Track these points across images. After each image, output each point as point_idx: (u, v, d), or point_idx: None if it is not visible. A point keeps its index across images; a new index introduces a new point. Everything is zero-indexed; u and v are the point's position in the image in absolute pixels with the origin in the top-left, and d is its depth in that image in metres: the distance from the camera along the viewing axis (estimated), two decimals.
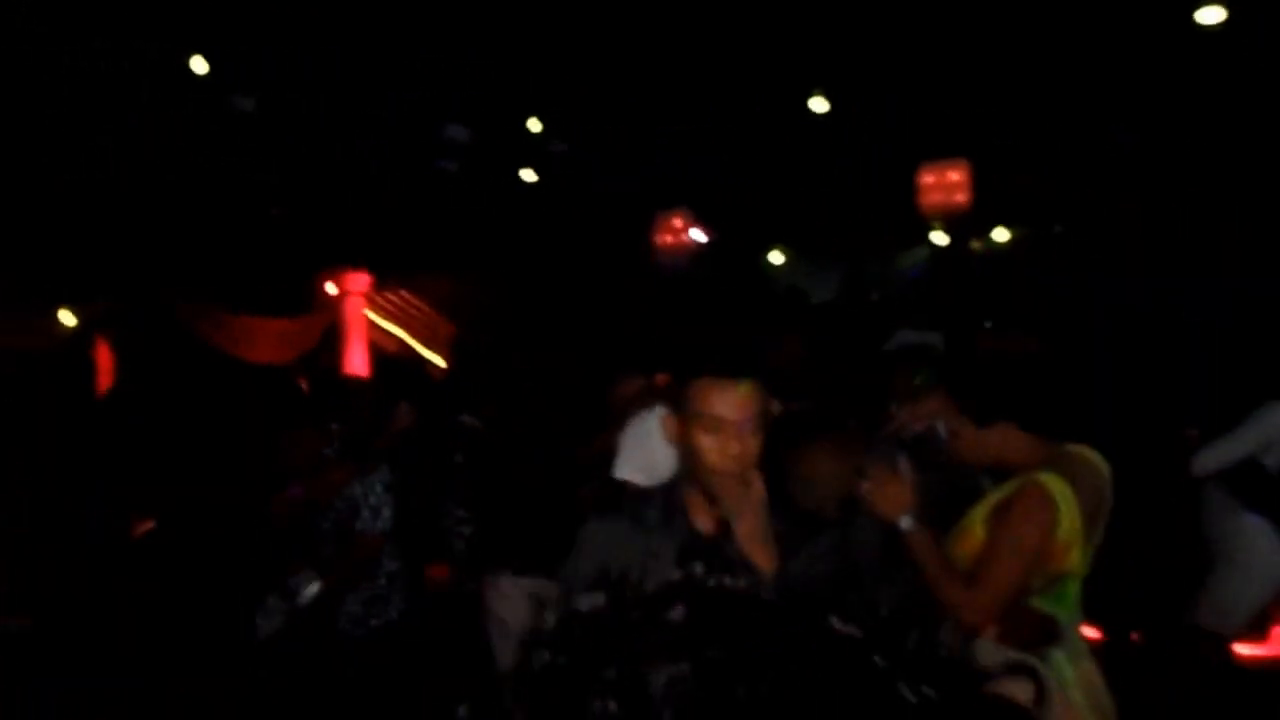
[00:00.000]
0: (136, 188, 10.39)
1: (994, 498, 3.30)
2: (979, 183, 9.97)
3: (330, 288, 11.35)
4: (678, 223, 10.77)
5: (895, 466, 3.35)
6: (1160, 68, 8.94)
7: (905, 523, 3.21)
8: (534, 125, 10.81)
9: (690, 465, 2.71)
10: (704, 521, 2.76)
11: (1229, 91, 8.82)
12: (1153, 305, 9.08)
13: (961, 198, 9.78)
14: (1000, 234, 11.27)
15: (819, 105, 9.94)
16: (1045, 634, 3.19)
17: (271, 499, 4.93)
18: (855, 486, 3.39)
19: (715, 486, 2.67)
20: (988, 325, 9.35)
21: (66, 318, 11.40)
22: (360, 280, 11.28)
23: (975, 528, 3.31)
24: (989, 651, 3.11)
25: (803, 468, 3.43)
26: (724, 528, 2.74)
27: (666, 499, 2.83)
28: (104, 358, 11.58)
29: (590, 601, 2.49)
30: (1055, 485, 3.17)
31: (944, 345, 7.33)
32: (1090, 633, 5.41)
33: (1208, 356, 7.85)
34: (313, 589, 4.63)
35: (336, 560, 4.69)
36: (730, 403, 2.63)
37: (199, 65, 9.58)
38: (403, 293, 11.56)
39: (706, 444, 2.64)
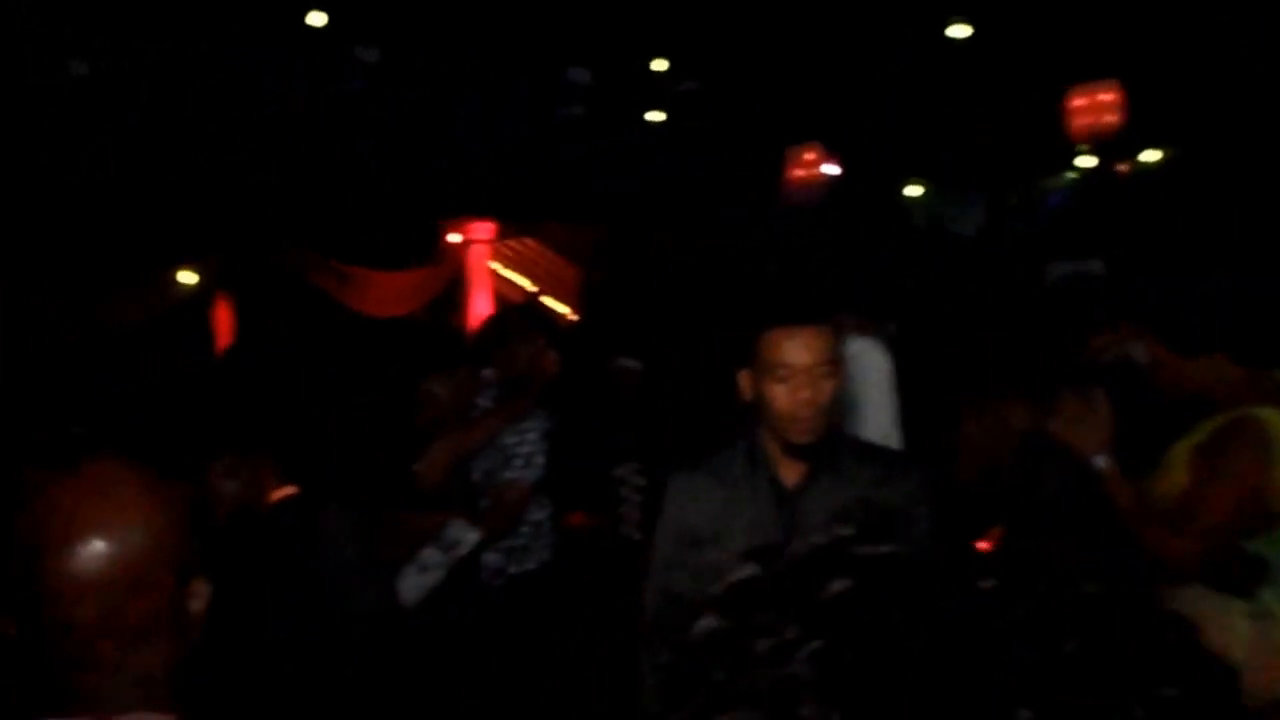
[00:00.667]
0: (253, 143, 10.44)
1: (1198, 434, 3.03)
2: (1130, 103, 9.50)
3: (453, 237, 11.28)
4: (810, 156, 10.44)
5: (1090, 400, 3.12)
6: None
7: (1101, 461, 2.99)
8: (660, 65, 10.60)
9: (766, 416, 2.70)
10: (787, 474, 2.77)
11: None
12: None
13: (1113, 118, 9.30)
14: (1150, 155, 10.72)
15: (958, 31, 9.55)
16: (1254, 577, 2.95)
17: (419, 454, 4.83)
18: (1043, 425, 3.19)
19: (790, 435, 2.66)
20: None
21: (187, 277, 11.51)
22: (484, 229, 11.19)
23: (1177, 466, 3.05)
24: (1194, 598, 2.89)
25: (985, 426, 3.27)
26: (808, 479, 2.75)
27: (749, 452, 2.83)
28: (224, 316, 11.74)
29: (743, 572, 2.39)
30: (1273, 420, 2.90)
31: (1105, 273, 7.00)
32: None
33: None
34: (472, 538, 4.51)
35: (488, 511, 4.58)
36: (797, 349, 2.60)
37: (317, 19, 9.55)
38: (527, 240, 11.46)
39: (778, 392, 2.63)
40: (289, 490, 3.68)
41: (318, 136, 10.61)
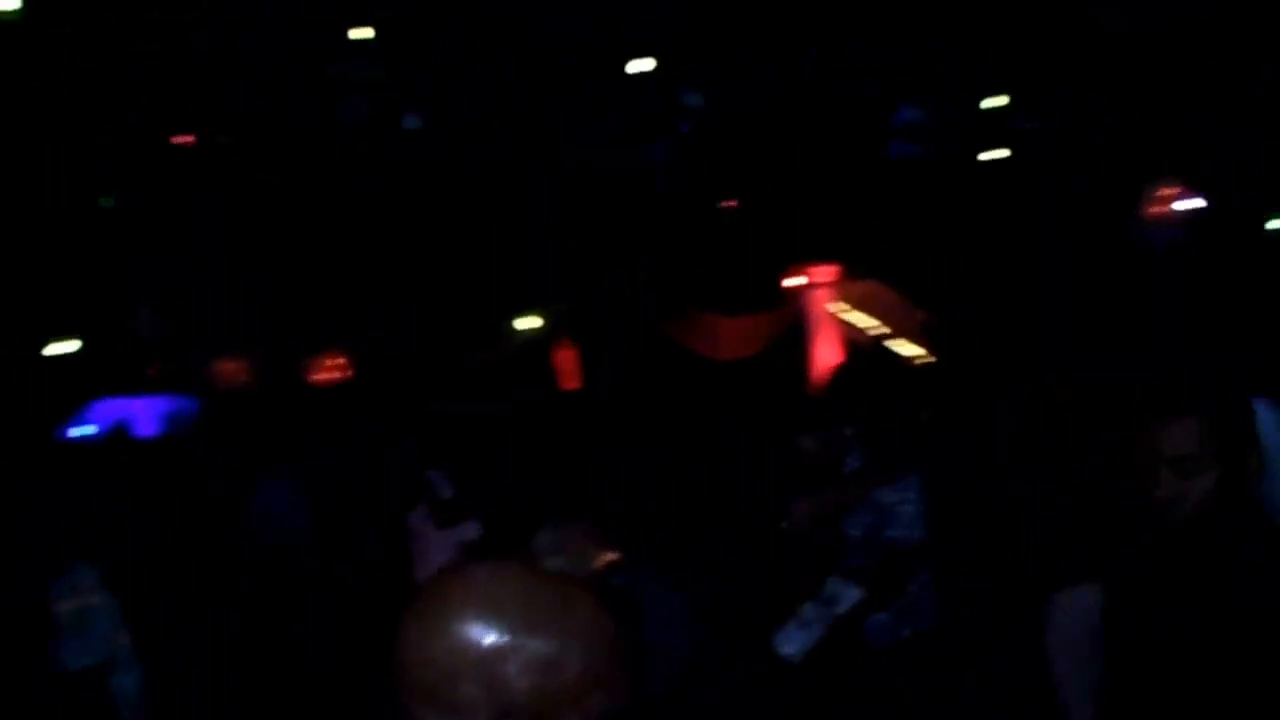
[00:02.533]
0: (592, 188, 10.89)
1: None
2: None
3: (793, 280, 11.38)
4: (1167, 191, 9.97)
5: None
6: None
7: None
8: (998, 101, 10.43)
9: None
10: None
11: None
12: None
13: None
14: None
15: None
16: None
17: (792, 503, 4.92)
18: None
19: None
20: None
21: (528, 323, 12.02)
22: (825, 272, 11.25)
23: None
24: None
25: None
26: None
27: None
28: (567, 360, 12.18)
29: None
30: None
31: None
32: None
33: None
34: (853, 596, 4.56)
35: (871, 569, 4.61)
36: None
37: (643, 64, 9.86)
38: (870, 282, 11.42)
39: None
40: (612, 557, 3.60)
41: (651, 185, 11.02)
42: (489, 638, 1.22)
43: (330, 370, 12.46)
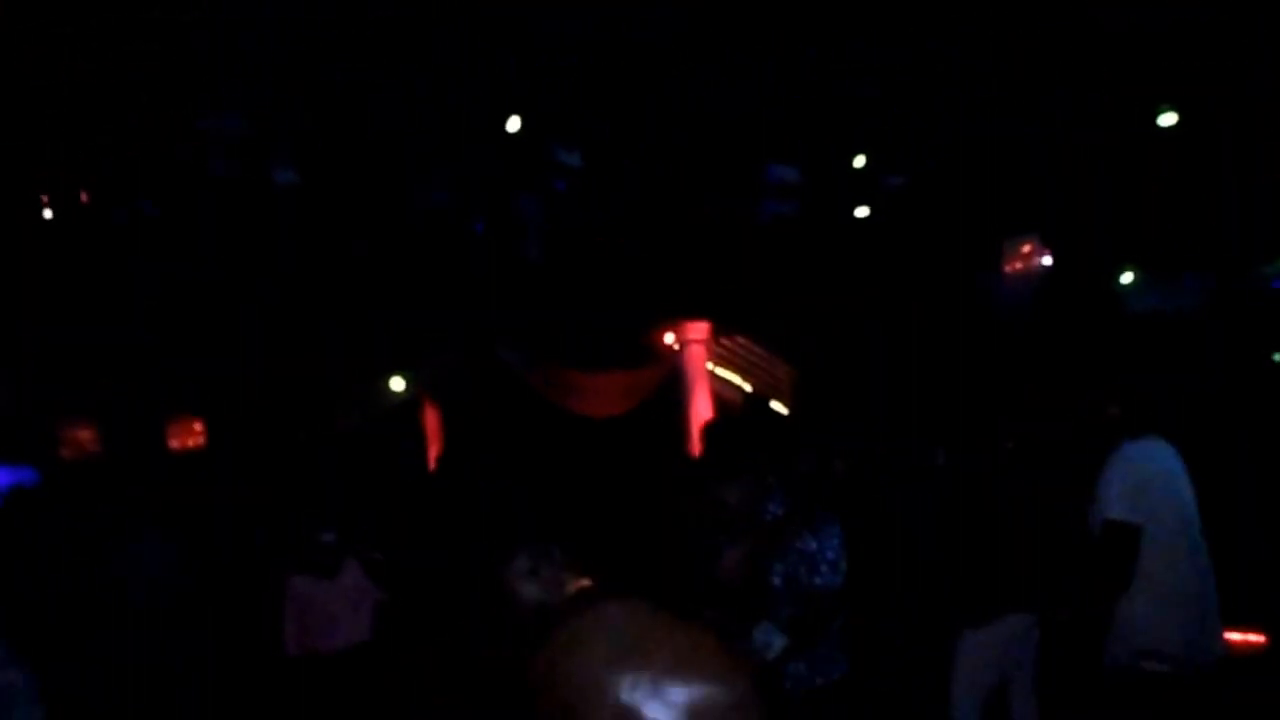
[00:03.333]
0: (457, 250, 10.85)
1: None
2: None
3: (668, 338, 11.51)
4: (1027, 248, 10.44)
5: None
6: None
7: None
8: (859, 161, 10.76)
9: None
10: None
11: None
12: None
13: None
14: None
15: (1167, 119, 9.54)
16: None
17: (713, 558, 4.95)
18: None
19: None
20: None
21: (397, 384, 11.91)
22: (699, 329, 11.40)
23: None
24: None
25: None
26: None
27: None
28: (432, 422, 12.12)
29: None
30: None
31: None
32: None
33: None
34: (779, 643, 4.59)
35: (794, 617, 4.65)
36: None
37: (514, 124, 9.93)
38: (739, 339, 11.62)
39: None
40: (584, 583, 3.65)
41: (522, 241, 11.00)
42: (629, 677, 1.22)
43: (188, 436, 12.07)
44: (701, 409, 11.02)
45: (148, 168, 9.58)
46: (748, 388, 11.59)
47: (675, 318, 11.37)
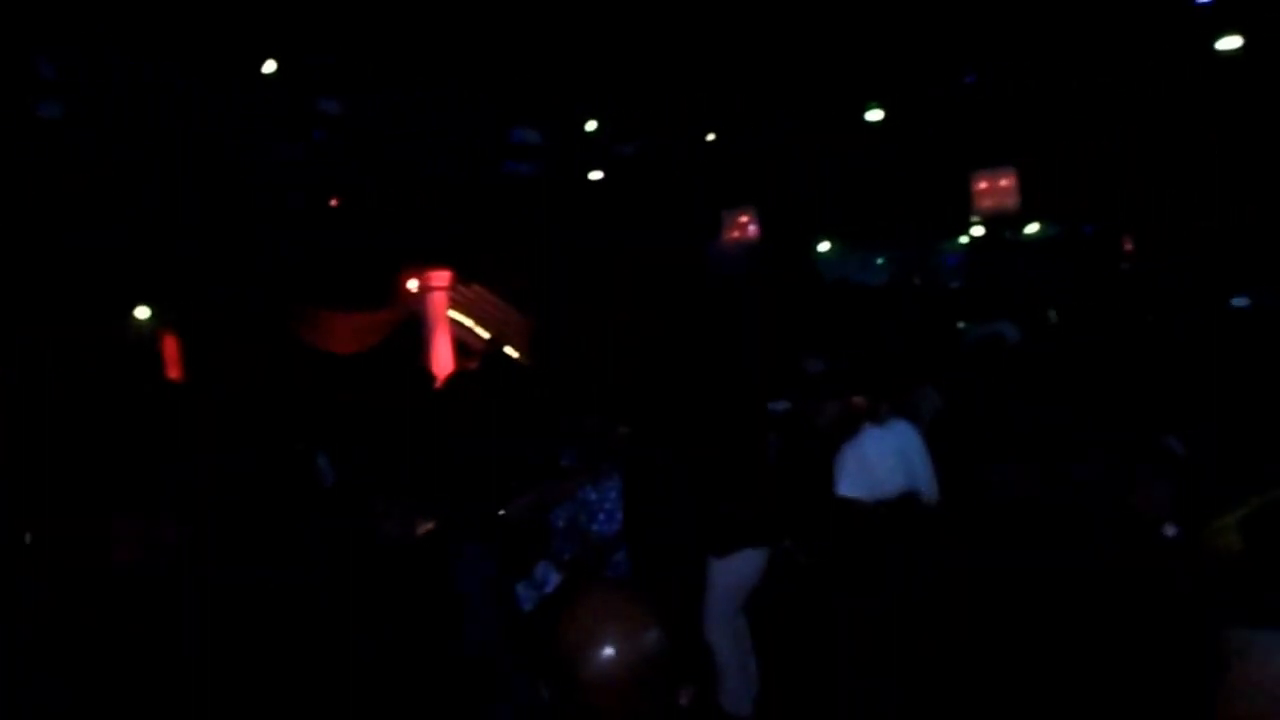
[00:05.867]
0: (220, 186, 10.92)
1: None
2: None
3: (412, 284, 11.92)
4: (744, 219, 11.50)
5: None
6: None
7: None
8: (591, 125, 11.50)
9: None
10: None
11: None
12: None
13: (1011, 201, 10.64)
14: (1032, 227, 12.18)
15: (874, 115, 10.77)
16: None
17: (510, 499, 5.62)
18: None
19: None
20: (1052, 315, 10.25)
21: (142, 313, 11.85)
22: (442, 277, 11.87)
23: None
24: None
25: None
26: None
27: None
28: (170, 350, 12.09)
29: None
30: None
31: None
32: None
33: None
34: (555, 579, 5.34)
35: (574, 558, 5.41)
36: None
37: (271, 66, 10.11)
38: (477, 287, 12.14)
39: None
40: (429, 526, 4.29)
41: (279, 183, 11.17)
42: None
43: None
44: (442, 351, 11.56)
45: None
46: (485, 334, 12.17)
47: (419, 264, 11.80)
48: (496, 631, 4.46)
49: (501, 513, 5.72)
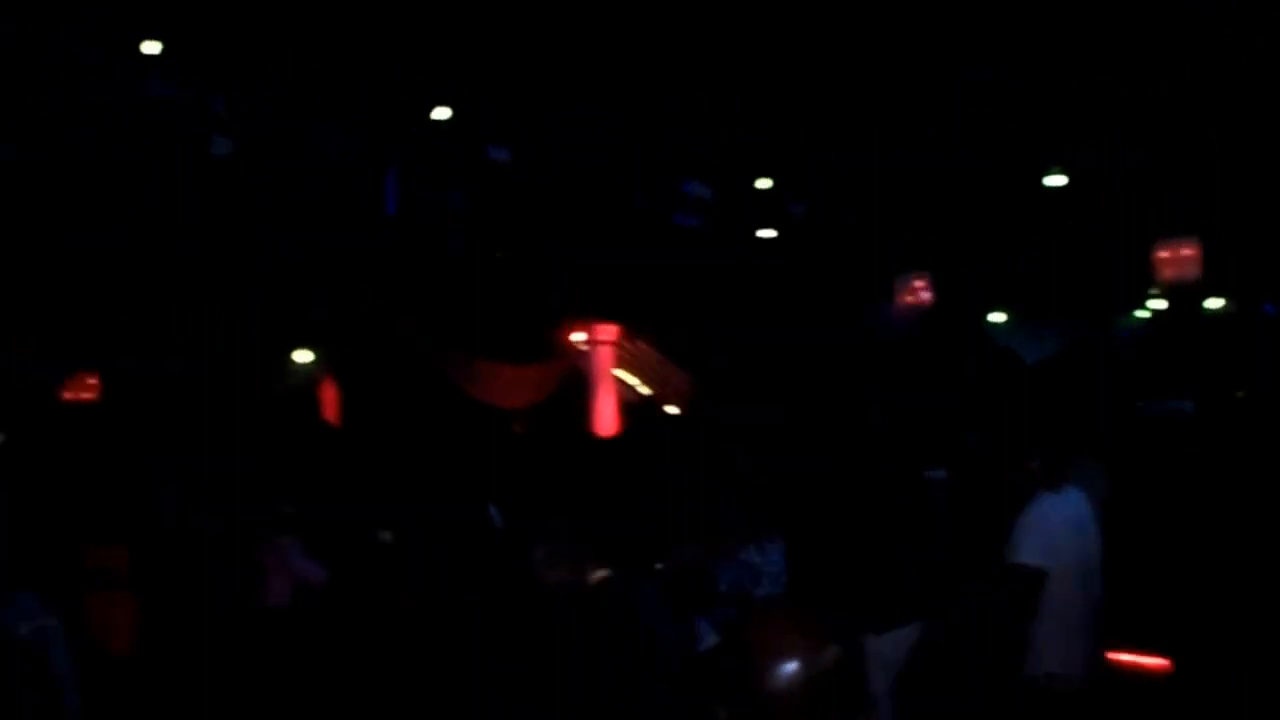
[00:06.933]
0: (387, 233, 11.22)
1: None
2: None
3: (578, 336, 12.00)
4: (919, 284, 11.29)
5: None
6: None
7: None
8: (764, 183, 11.48)
9: None
10: None
11: None
12: None
13: (1194, 272, 10.21)
14: (1214, 302, 11.68)
15: (1055, 180, 10.51)
16: None
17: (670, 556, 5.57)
18: None
19: None
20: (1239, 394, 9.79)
21: (303, 357, 12.14)
22: (609, 331, 11.93)
23: None
24: None
25: None
26: None
27: None
28: (330, 396, 12.38)
29: None
30: None
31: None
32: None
33: None
34: (710, 641, 5.22)
35: (730, 621, 5.29)
36: None
37: (441, 113, 10.33)
38: (641, 343, 12.18)
39: None
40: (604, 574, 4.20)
41: (444, 231, 11.41)
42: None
43: (82, 390, 12.07)
44: (605, 409, 11.59)
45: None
46: (647, 391, 12.20)
47: (586, 318, 11.88)
48: (679, 664, 4.37)
49: (659, 566, 5.69)
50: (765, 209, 11.62)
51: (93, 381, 12.20)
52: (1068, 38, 8.88)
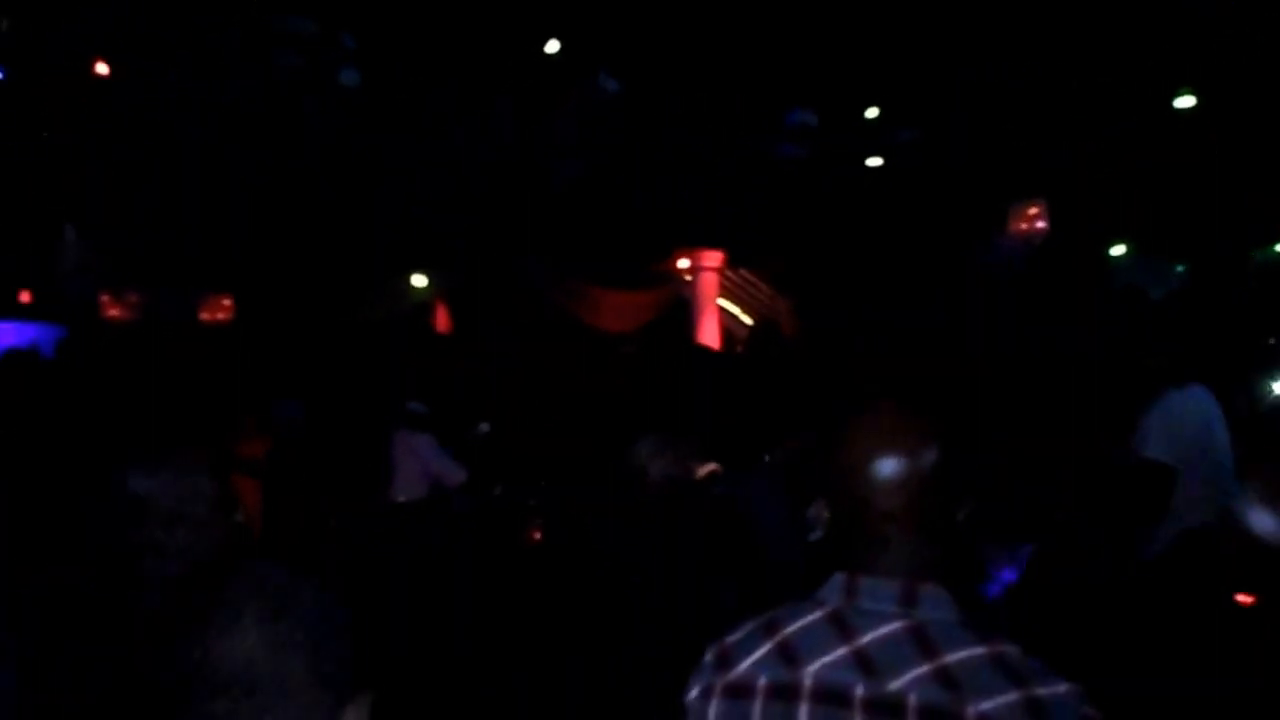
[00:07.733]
0: (499, 166, 11.39)
1: None
2: None
3: (683, 263, 12.04)
4: (1033, 211, 10.92)
5: None
6: None
7: None
8: (872, 112, 11.25)
9: None
10: None
11: None
12: None
13: None
14: None
15: (1185, 102, 10.01)
16: None
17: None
18: None
19: None
20: None
21: (419, 281, 12.49)
22: (714, 258, 11.94)
23: None
24: None
25: None
26: None
27: None
28: (442, 320, 12.70)
29: None
30: None
31: None
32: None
33: None
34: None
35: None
36: None
37: (552, 45, 10.48)
38: (744, 272, 12.15)
39: None
40: (712, 467, 4.18)
41: (557, 158, 11.52)
42: None
43: (218, 311, 12.65)
44: (709, 334, 11.62)
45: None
46: (749, 320, 12.17)
47: (692, 245, 11.89)
48: (797, 551, 4.38)
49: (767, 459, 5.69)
50: (873, 137, 11.38)
51: (227, 303, 12.79)
52: None
